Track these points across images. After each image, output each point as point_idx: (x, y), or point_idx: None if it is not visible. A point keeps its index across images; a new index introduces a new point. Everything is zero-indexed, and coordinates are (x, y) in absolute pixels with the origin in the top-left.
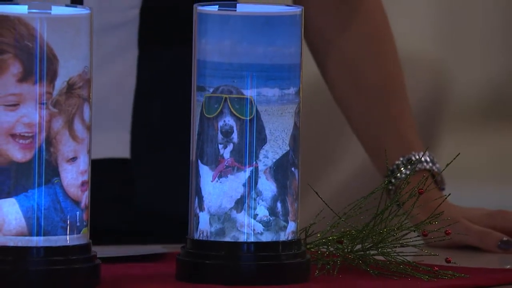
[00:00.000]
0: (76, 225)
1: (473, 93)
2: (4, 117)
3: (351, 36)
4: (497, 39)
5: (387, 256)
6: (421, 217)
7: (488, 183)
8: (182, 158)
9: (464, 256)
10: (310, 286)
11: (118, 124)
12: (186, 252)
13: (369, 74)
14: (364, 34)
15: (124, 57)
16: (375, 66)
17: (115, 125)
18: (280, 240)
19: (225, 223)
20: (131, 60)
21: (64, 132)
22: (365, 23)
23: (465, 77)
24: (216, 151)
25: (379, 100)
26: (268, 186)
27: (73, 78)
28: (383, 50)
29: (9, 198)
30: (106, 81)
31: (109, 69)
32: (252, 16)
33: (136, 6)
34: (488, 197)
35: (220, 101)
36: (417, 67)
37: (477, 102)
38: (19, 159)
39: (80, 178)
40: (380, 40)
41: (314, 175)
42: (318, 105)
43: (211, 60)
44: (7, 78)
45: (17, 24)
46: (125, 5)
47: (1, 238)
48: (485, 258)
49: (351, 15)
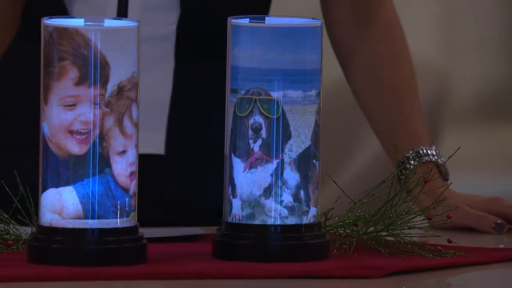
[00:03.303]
0: (125, 209)
1: (471, 95)
2: (63, 115)
3: (371, 47)
4: (494, 45)
5: (397, 237)
6: (426, 203)
7: (484, 174)
8: (212, 155)
9: (464, 237)
10: (329, 263)
11: (155, 124)
12: (221, 233)
13: (386, 80)
14: (382, 45)
15: (162, 67)
16: (392, 73)
17: (153, 125)
18: (303, 223)
19: (255, 208)
20: (168, 70)
21: (115, 128)
22: (383, 34)
23: (464, 80)
24: (247, 145)
25: (394, 102)
26: (292, 176)
27: (123, 82)
28: (399, 58)
29: (67, 186)
30: (146, 87)
31: (149, 77)
32: (278, 27)
33: (173, 23)
34: (484, 185)
35: (251, 101)
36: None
37: (475, 103)
38: (76, 152)
39: (129, 169)
40: (396, 49)
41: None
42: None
43: (243, 65)
44: (66, 82)
45: (74, 35)
46: (163, 22)
47: (60, 221)
48: (482, 239)
49: (371, 28)
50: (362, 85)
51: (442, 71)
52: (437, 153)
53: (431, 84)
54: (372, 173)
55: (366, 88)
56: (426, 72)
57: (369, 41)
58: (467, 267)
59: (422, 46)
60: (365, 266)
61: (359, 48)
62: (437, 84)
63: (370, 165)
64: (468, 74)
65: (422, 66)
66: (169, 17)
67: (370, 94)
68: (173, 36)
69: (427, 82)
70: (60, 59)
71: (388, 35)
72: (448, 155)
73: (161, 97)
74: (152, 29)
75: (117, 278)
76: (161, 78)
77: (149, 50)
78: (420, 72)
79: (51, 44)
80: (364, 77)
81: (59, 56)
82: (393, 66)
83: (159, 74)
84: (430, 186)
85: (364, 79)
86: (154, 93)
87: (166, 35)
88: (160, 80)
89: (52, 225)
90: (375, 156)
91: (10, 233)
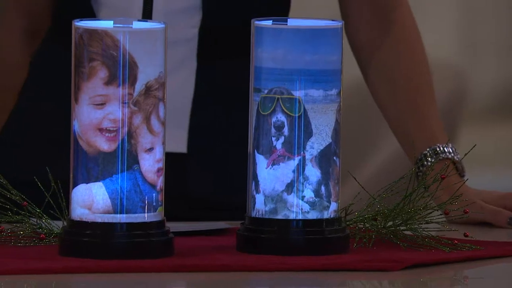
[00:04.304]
0: (152, 204)
1: (487, 94)
2: (93, 114)
3: (388, 49)
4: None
5: (415, 231)
6: (443, 198)
7: (500, 170)
8: (233, 153)
9: (480, 231)
10: (349, 257)
11: (178, 123)
12: (245, 227)
13: (403, 80)
14: (399, 47)
15: (185, 68)
16: (408, 74)
17: (175, 124)
18: (324, 218)
19: (277, 203)
20: (191, 71)
21: (143, 126)
22: (400, 38)
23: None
24: (270, 143)
25: (411, 101)
26: (313, 172)
27: (150, 81)
28: (415, 60)
29: (97, 182)
30: (169, 87)
31: (172, 77)
32: (300, 29)
33: (196, 26)
34: (500, 181)
35: (274, 100)
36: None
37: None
38: (106, 149)
39: (156, 165)
40: (413, 52)
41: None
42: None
43: (266, 66)
44: (96, 81)
45: (104, 36)
46: (186, 25)
47: (90, 216)
48: (497, 233)
49: (388, 30)
50: (380, 85)
51: (460, 71)
52: (454, 151)
53: (449, 83)
54: (391, 169)
55: (384, 88)
56: (444, 71)
57: (387, 42)
58: (482, 260)
59: (441, 46)
60: (384, 259)
61: (377, 49)
62: (455, 83)
63: (388, 162)
64: (485, 73)
65: (440, 65)
66: (191, 20)
67: (388, 94)
68: (195, 38)
69: (445, 81)
70: (90, 59)
71: (405, 37)
72: (465, 153)
73: (184, 97)
74: (176, 32)
75: (144, 271)
76: (184, 78)
77: (173, 51)
78: (439, 72)
79: (82, 45)
80: (382, 77)
81: (89, 57)
82: (410, 67)
83: (182, 75)
84: (447, 182)
85: (382, 79)
86: (177, 93)
87: (189, 37)
88: (183, 80)
89: (83, 219)
90: (394, 154)
91: (42, 227)
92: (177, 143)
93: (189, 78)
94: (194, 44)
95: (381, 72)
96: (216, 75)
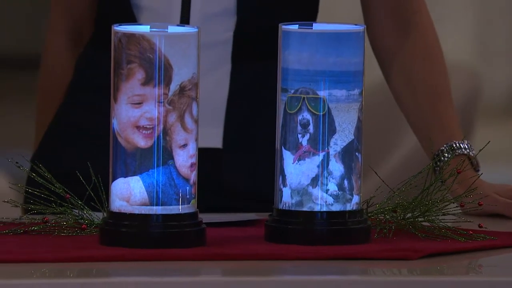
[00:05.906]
0: (186, 197)
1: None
2: (131, 112)
3: (408, 50)
4: None
5: (432, 222)
6: (459, 191)
7: None
8: (265, 148)
9: (493, 222)
10: (370, 246)
11: (214, 120)
12: (273, 219)
13: (422, 81)
14: (418, 48)
15: (220, 69)
16: (427, 75)
17: (211, 121)
18: (347, 210)
19: (303, 196)
20: (225, 72)
21: (177, 124)
22: (420, 41)
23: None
24: (296, 139)
25: (429, 101)
26: (337, 167)
27: (184, 82)
28: (434, 62)
29: (135, 176)
30: (206, 87)
31: (208, 78)
32: (325, 33)
33: (230, 30)
34: None
35: (300, 100)
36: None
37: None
38: (142, 145)
39: (189, 160)
40: (432, 54)
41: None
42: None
43: (292, 67)
44: (134, 82)
45: (141, 40)
46: (221, 29)
47: (128, 207)
48: (510, 224)
49: (409, 33)
50: (400, 85)
51: (475, 71)
52: (469, 147)
53: (465, 83)
54: (410, 164)
55: (404, 88)
56: (460, 72)
57: (407, 45)
58: (496, 250)
59: (457, 48)
60: (403, 248)
61: (397, 51)
62: (470, 83)
63: (407, 157)
64: (499, 74)
65: (457, 66)
66: (226, 24)
67: (407, 93)
68: (230, 41)
69: (461, 81)
70: (128, 62)
71: (424, 41)
72: (479, 149)
73: (219, 96)
74: (212, 35)
75: (179, 259)
76: (219, 79)
77: (209, 54)
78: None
79: (120, 48)
80: (402, 78)
81: (127, 59)
82: (428, 68)
83: (217, 76)
84: (463, 177)
85: (401, 80)
86: (213, 92)
87: (224, 40)
88: (218, 80)
89: (121, 211)
90: (413, 150)
91: (84, 218)
92: (213, 139)
93: (224, 79)
94: (229, 47)
95: (401, 72)
96: (249, 75)
